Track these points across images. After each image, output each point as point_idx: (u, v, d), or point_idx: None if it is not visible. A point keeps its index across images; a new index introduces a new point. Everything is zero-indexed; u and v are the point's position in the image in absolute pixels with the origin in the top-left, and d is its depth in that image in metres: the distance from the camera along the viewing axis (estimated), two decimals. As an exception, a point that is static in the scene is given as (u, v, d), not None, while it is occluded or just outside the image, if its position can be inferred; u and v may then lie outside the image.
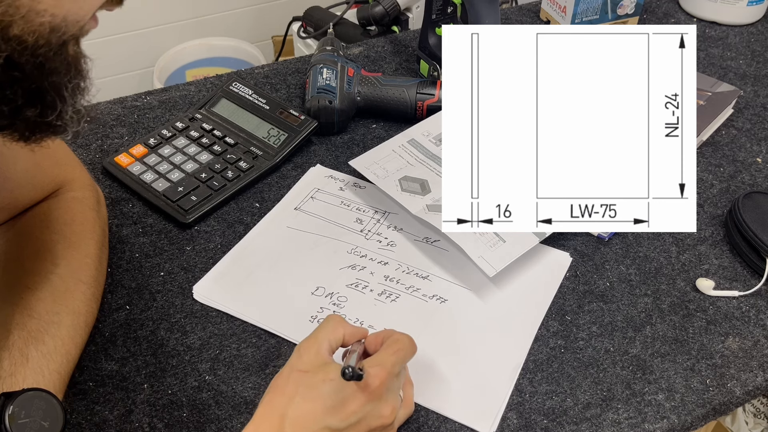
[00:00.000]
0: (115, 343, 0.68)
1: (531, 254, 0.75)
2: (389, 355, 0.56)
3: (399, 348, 0.57)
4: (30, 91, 0.44)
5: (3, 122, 0.45)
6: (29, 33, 0.41)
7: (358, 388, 0.54)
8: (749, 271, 0.78)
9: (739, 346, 0.71)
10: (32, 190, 0.70)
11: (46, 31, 0.42)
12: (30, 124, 0.46)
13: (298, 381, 0.54)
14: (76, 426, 0.62)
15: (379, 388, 0.54)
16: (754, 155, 0.92)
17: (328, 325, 0.58)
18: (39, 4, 0.40)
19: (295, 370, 0.55)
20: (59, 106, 0.45)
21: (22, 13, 0.40)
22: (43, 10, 0.41)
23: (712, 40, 1.13)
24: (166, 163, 0.85)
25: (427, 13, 0.98)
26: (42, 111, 0.45)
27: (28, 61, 0.42)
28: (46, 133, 0.47)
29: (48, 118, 0.46)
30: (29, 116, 0.45)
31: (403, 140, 0.87)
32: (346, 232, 0.80)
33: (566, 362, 0.69)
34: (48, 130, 0.47)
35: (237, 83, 0.94)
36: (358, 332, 0.60)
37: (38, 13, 0.41)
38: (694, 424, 0.65)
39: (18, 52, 0.41)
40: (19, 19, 0.40)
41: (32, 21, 0.41)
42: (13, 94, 0.43)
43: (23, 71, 0.42)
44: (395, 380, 0.56)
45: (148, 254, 0.77)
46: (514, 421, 0.64)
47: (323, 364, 0.55)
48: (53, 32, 0.42)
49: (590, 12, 1.10)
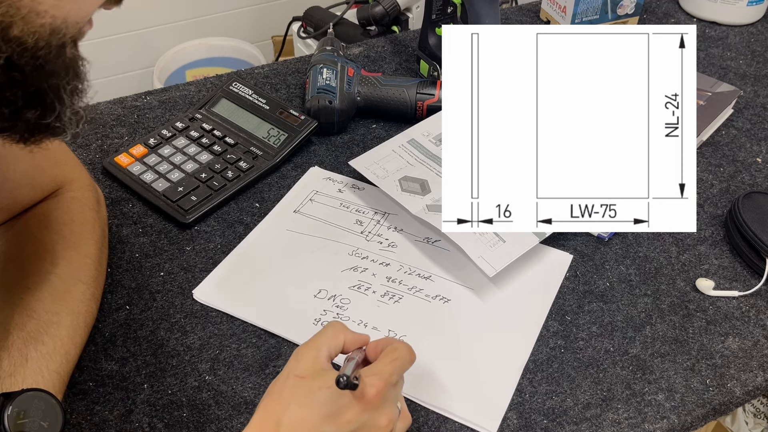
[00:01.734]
0: (115, 343, 0.68)
1: (531, 254, 0.75)
2: (386, 364, 0.55)
3: (396, 357, 0.56)
4: (30, 93, 0.44)
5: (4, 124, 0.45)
6: (29, 34, 0.41)
7: (354, 397, 0.53)
8: (749, 271, 0.78)
9: (739, 346, 0.71)
10: (32, 190, 0.69)
11: (47, 33, 0.42)
12: (30, 126, 0.46)
13: (294, 387, 0.53)
14: (76, 426, 0.62)
15: (376, 398, 0.53)
16: (754, 155, 0.92)
17: (329, 332, 0.57)
18: (40, 5, 0.40)
19: (292, 375, 0.54)
20: (58, 108, 0.45)
21: (23, 14, 0.40)
22: (43, 11, 0.41)
23: (712, 40, 1.13)
24: (166, 163, 0.85)
25: (427, 13, 0.98)
26: (42, 113, 0.45)
27: (28, 63, 0.42)
28: (45, 135, 0.47)
29: (47, 120, 0.46)
30: (29, 118, 0.45)
31: (403, 140, 0.87)
32: (347, 234, 0.80)
33: (566, 362, 0.69)
34: (47, 132, 0.47)
35: (237, 83, 0.94)
36: (359, 339, 0.59)
37: (39, 14, 0.40)
38: (694, 424, 0.65)
39: (18, 53, 0.41)
40: (19, 20, 0.40)
41: (33, 22, 0.41)
42: (13, 95, 0.43)
43: (23, 73, 0.42)
44: (392, 390, 0.55)
45: (148, 254, 0.77)
46: (514, 421, 0.64)
47: (320, 370, 0.54)
48: (53, 34, 0.42)
49: (590, 12, 1.10)
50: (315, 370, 0.54)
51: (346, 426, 0.52)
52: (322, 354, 0.55)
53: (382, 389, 0.53)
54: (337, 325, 0.58)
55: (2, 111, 0.43)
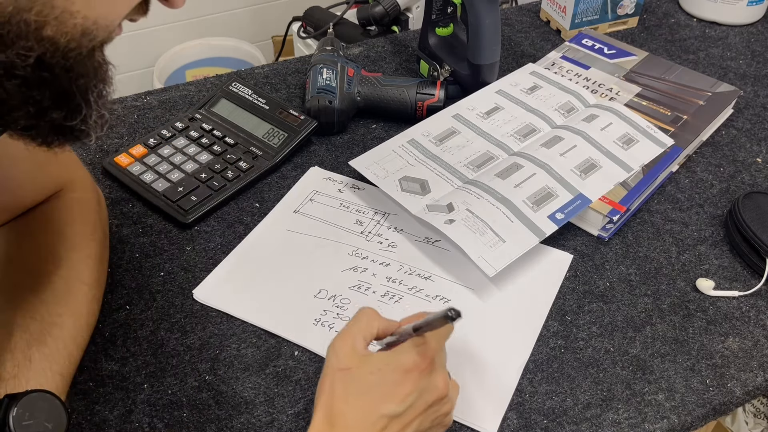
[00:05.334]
0: (115, 343, 0.69)
1: (531, 254, 0.75)
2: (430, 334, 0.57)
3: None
4: (57, 94, 0.44)
5: (28, 122, 0.44)
6: (62, 34, 0.41)
7: (405, 369, 0.54)
8: (749, 271, 0.78)
9: (739, 346, 0.71)
10: (34, 191, 0.70)
11: (78, 34, 0.42)
12: (54, 128, 0.46)
13: (344, 380, 0.54)
14: (77, 426, 0.62)
15: (427, 363, 0.54)
16: (754, 155, 0.92)
17: (362, 319, 0.58)
18: (73, 6, 0.41)
19: (336, 370, 0.55)
20: (84, 110, 0.45)
21: (56, 14, 0.40)
22: (76, 11, 0.41)
23: (712, 40, 1.13)
24: (165, 163, 0.85)
25: (427, 13, 0.98)
26: (67, 114, 0.45)
27: (59, 63, 0.42)
28: (68, 138, 0.47)
29: (73, 122, 0.46)
30: (54, 119, 0.45)
31: (403, 140, 0.87)
32: (347, 234, 0.80)
33: (566, 362, 0.69)
34: (71, 135, 0.47)
35: (237, 83, 0.94)
36: (391, 325, 0.60)
37: (72, 14, 0.41)
38: (694, 424, 0.65)
39: (50, 53, 0.41)
40: (52, 20, 0.40)
41: (65, 22, 0.41)
42: (41, 95, 0.43)
43: (53, 73, 0.42)
44: (440, 354, 0.57)
45: (148, 254, 0.77)
46: (514, 421, 0.64)
47: (363, 357, 0.55)
48: (84, 35, 0.42)
49: (590, 12, 1.10)
50: (357, 358, 0.55)
51: (407, 399, 0.53)
52: (358, 343, 0.56)
53: (430, 354, 0.55)
54: (370, 312, 0.59)
55: (28, 109, 0.43)
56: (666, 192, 0.87)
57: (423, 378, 0.54)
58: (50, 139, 0.47)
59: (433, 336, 0.57)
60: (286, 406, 0.64)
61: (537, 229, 0.75)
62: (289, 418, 0.64)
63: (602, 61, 1.02)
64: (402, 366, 0.54)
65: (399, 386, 0.54)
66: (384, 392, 0.54)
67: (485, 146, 0.86)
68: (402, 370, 0.54)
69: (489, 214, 0.76)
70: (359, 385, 0.54)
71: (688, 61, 1.08)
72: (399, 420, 0.54)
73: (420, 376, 0.54)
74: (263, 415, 0.64)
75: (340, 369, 0.55)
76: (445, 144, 0.86)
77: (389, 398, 0.53)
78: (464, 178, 0.82)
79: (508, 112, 0.91)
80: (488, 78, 0.94)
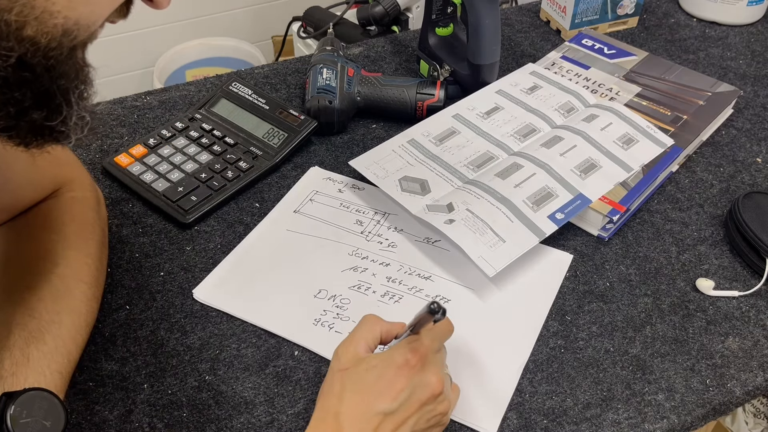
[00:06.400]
0: (115, 343, 0.68)
1: (531, 254, 0.75)
2: (424, 332, 0.58)
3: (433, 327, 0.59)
4: (38, 94, 0.44)
5: (7, 123, 0.44)
6: (42, 34, 0.41)
7: (397, 365, 0.55)
8: (749, 271, 0.78)
9: (739, 346, 0.71)
10: (32, 190, 0.69)
11: (59, 34, 0.42)
12: (34, 128, 0.46)
13: (342, 379, 0.56)
14: (76, 426, 0.62)
15: (417, 358, 0.56)
16: (754, 155, 0.92)
17: (365, 325, 0.60)
18: (53, 6, 0.40)
19: (336, 371, 0.57)
20: (65, 110, 0.45)
21: (36, 14, 0.40)
22: (56, 11, 0.41)
23: (712, 40, 1.13)
24: (165, 163, 0.85)
25: (427, 13, 0.98)
26: (48, 114, 0.45)
27: (40, 63, 0.42)
28: (48, 139, 0.47)
29: (53, 122, 0.46)
30: (35, 119, 0.45)
31: (403, 140, 0.87)
32: (347, 234, 0.80)
33: (566, 362, 0.69)
34: (51, 136, 0.47)
35: (237, 83, 0.94)
36: (394, 328, 0.61)
37: (52, 14, 0.41)
38: (694, 424, 0.65)
39: (31, 53, 0.41)
40: (33, 20, 0.40)
41: (46, 22, 0.41)
42: (22, 95, 0.43)
43: (34, 72, 0.42)
44: (435, 355, 0.58)
45: (148, 254, 0.77)
46: (514, 421, 0.64)
47: (362, 359, 0.57)
48: (65, 35, 0.42)
49: (590, 12, 1.10)
50: (356, 360, 0.57)
51: (400, 394, 0.55)
52: (360, 347, 0.58)
53: (422, 350, 0.56)
54: (372, 318, 0.61)
55: (8, 110, 0.43)
56: (666, 192, 0.87)
57: (415, 374, 0.55)
58: (29, 140, 0.47)
59: (426, 333, 0.58)
60: (286, 406, 0.64)
61: (537, 229, 0.75)
62: (289, 418, 0.64)
63: (602, 61, 1.02)
64: (394, 362, 0.55)
65: (391, 383, 0.55)
66: (377, 389, 0.55)
67: (485, 146, 0.86)
68: (394, 367, 0.55)
69: (489, 214, 0.76)
70: (355, 383, 0.55)
71: (688, 61, 1.08)
72: (393, 418, 0.54)
73: (411, 372, 0.55)
74: (263, 415, 0.64)
75: (339, 370, 0.57)
76: (445, 144, 0.86)
77: (382, 395, 0.54)
78: (464, 178, 0.82)
79: (508, 112, 0.91)
80: (488, 78, 0.95)
